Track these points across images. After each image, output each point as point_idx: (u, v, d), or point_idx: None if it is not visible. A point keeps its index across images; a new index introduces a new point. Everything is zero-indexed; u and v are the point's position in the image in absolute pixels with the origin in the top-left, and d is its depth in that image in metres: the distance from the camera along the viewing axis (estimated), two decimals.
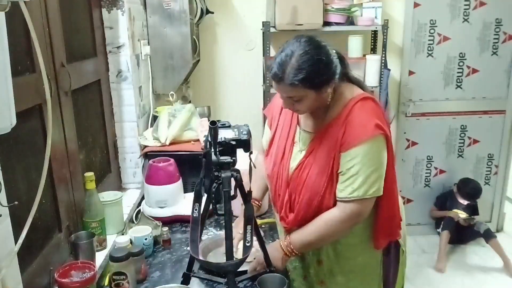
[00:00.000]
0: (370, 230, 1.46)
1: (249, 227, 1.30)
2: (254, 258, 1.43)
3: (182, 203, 1.82)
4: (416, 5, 3.27)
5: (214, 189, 1.25)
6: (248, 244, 1.29)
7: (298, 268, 1.60)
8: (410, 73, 3.42)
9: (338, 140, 1.33)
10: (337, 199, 1.36)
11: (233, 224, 1.36)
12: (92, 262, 1.32)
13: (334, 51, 1.34)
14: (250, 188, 1.34)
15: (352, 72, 1.46)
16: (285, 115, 1.53)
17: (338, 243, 1.47)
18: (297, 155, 1.45)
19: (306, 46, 1.27)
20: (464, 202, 3.46)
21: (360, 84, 1.45)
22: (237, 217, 1.60)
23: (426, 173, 3.67)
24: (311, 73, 1.26)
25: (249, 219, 1.31)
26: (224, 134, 1.27)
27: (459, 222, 3.38)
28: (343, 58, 1.39)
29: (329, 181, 1.36)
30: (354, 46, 3.00)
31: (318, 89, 1.30)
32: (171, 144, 2.08)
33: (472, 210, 3.52)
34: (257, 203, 1.66)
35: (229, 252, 1.24)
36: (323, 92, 1.32)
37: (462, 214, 3.46)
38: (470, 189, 3.46)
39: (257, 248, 1.40)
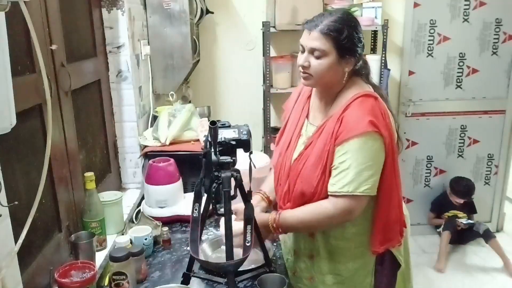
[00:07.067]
0: (364, 236, 1.45)
1: (249, 227, 1.30)
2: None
3: (182, 203, 1.82)
4: (416, 5, 3.27)
5: (214, 189, 1.24)
6: (248, 244, 1.29)
7: (290, 261, 1.61)
8: (410, 73, 3.42)
9: (333, 133, 1.35)
10: (328, 193, 1.36)
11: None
12: (92, 262, 1.32)
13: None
14: (250, 188, 1.34)
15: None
16: (297, 108, 1.56)
17: (330, 245, 1.47)
18: (300, 147, 1.47)
19: (348, 15, 1.40)
20: (460, 201, 3.46)
21: (375, 87, 1.47)
22: None
23: (426, 173, 3.67)
24: (344, 32, 1.33)
25: (249, 219, 1.31)
26: (224, 134, 1.27)
27: (460, 227, 3.38)
28: (367, 62, 1.48)
29: (322, 174, 1.37)
30: None
31: (341, 54, 1.35)
32: (171, 144, 2.08)
33: (469, 208, 3.52)
34: (262, 194, 1.63)
35: (229, 252, 1.24)
36: (342, 63, 1.36)
37: (461, 214, 3.47)
38: (463, 186, 3.47)
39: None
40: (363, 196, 1.33)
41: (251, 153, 1.30)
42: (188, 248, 1.38)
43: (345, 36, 1.32)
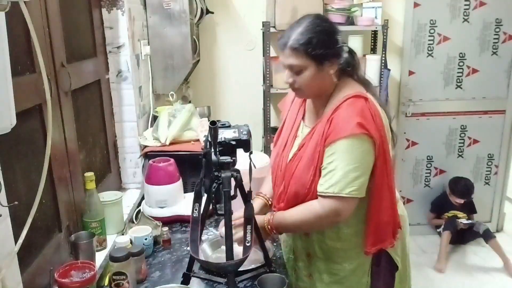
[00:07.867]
0: (359, 237, 1.44)
1: (249, 227, 1.30)
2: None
3: (182, 203, 1.82)
4: (416, 5, 3.27)
5: (214, 189, 1.25)
6: (248, 244, 1.29)
7: (291, 260, 1.63)
8: (410, 73, 3.43)
9: (323, 134, 1.36)
10: (317, 193, 1.36)
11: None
12: (92, 262, 1.32)
13: (345, 45, 1.41)
14: (250, 188, 1.34)
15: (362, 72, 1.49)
16: (293, 109, 1.57)
17: (325, 245, 1.48)
18: (295, 148, 1.48)
19: (315, 19, 1.37)
20: (460, 201, 3.46)
21: (366, 85, 1.46)
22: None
23: (426, 173, 3.67)
24: (313, 40, 1.32)
25: (249, 219, 1.31)
26: (224, 134, 1.27)
27: (460, 227, 3.38)
28: (354, 54, 1.44)
29: (315, 175, 1.37)
30: (354, 46, 2.97)
31: (319, 62, 1.34)
32: (171, 144, 2.08)
33: (469, 208, 3.52)
34: (263, 197, 1.64)
35: (229, 252, 1.24)
36: (324, 69, 1.36)
37: (461, 214, 3.46)
38: (462, 186, 3.47)
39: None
40: (350, 198, 1.32)
41: (251, 153, 1.30)
42: (188, 248, 1.38)
43: (315, 43, 1.32)
